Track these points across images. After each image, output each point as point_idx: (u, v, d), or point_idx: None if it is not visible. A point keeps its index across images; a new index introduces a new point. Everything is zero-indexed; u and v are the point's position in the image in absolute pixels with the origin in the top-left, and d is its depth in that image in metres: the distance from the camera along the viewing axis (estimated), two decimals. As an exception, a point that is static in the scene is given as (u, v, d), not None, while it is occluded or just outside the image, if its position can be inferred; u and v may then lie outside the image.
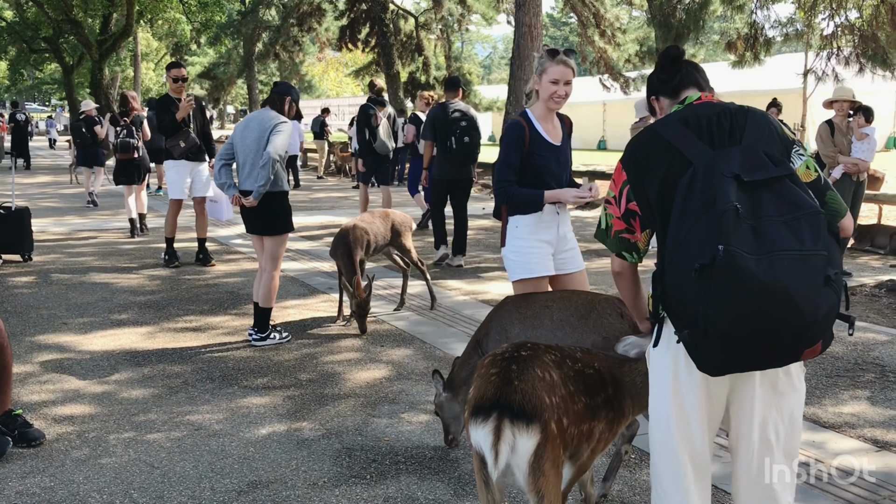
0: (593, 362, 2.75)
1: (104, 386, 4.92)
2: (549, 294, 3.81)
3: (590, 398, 2.62)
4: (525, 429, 2.34)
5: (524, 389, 2.40)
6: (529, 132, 4.01)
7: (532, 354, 2.56)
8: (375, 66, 27.57)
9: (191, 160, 8.52)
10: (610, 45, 21.44)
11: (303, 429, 4.27)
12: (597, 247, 10.23)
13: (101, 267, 8.69)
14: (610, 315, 3.42)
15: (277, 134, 5.57)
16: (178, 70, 8.58)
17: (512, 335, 3.57)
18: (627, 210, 2.34)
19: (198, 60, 52.30)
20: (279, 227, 5.79)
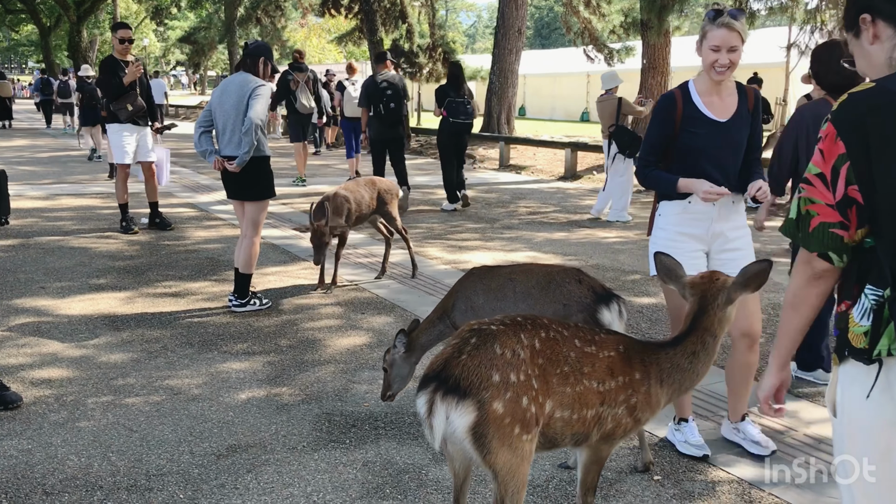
0: (612, 346, 2.63)
1: (82, 350, 4.90)
2: (512, 267, 3.84)
3: (597, 383, 2.52)
4: (457, 405, 2.28)
5: (467, 364, 2.33)
6: (683, 106, 3.46)
7: (503, 330, 2.44)
8: (358, 33, 27.25)
9: (137, 124, 8.36)
10: (595, 16, 21.29)
11: (282, 394, 4.28)
12: (577, 217, 10.27)
13: (79, 231, 8.61)
14: (568, 283, 3.53)
15: (257, 98, 5.49)
16: (124, 31, 8.36)
17: (477, 306, 3.64)
18: (846, 196, 1.76)
19: (178, 24, 51.57)
20: (261, 192, 5.75)
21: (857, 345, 1.78)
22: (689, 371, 2.67)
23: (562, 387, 2.47)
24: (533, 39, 72.79)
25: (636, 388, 2.61)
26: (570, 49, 33.79)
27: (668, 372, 2.67)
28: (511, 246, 8.39)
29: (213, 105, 5.72)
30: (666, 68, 15.62)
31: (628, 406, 2.59)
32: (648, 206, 11.31)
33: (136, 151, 8.46)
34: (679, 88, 3.52)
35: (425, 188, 13.00)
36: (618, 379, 2.57)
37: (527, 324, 2.52)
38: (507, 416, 2.30)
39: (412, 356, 3.79)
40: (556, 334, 2.54)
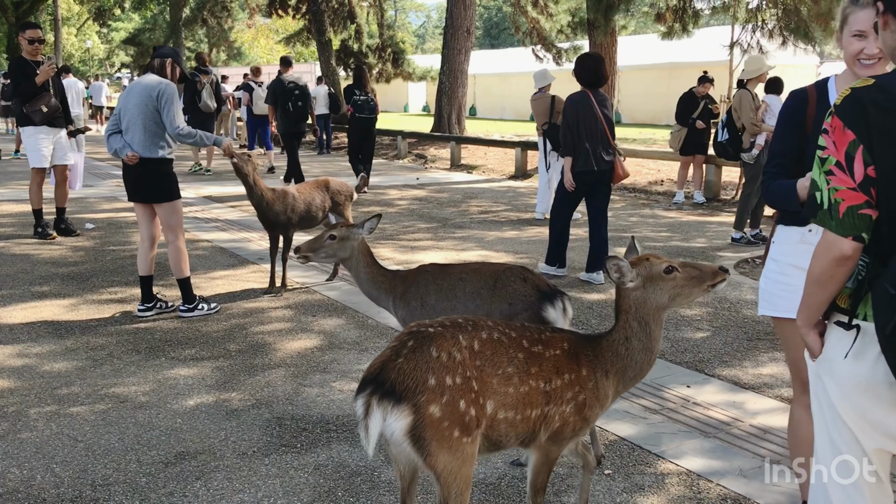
0: (557, 344, 2.63)
1: (24, 359, 4.77)
2: (463, 266, 3.88)
3: (543, 382, 2.52)
4: (392, 408, 2.28)
5: (403, 368, 2.33)
6: (817, 106, 2.81)
7: (440, 332, 2.44)
8: (306, 34, 27.06)
9: (52, 126, 8.12)
10: (542, 16, 21.44)
11: (232, 399, 4.23)
12: (527, 215, 10.33)
13: (20, 238, 8.39)
14: (514, 282, 3.58)
15: (167, 107, 5.40)
16: (34, 31, 8.06)
17: (429, 305, 3.66)
18: (866, 177, 1.87)
19: (122, 26, 50.54)
20: (165, 193, 5.55)
21: (842, 304, 1.99)
22: (626, 358, 2.68)
23: (504, 387, 2.46)
24: (482, 39, 73.00)
25: (583, 384, 2.62)
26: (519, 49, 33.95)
27: (610, 361, 2.68)
28: (463, 245, 8.40)
29: (119, 106, 5.61)
30: (612, 67, 15.79)
31: (576, 403, 2.60)
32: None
33: (53, 154, 8.25)
34: (815, 85, 2.92)
35: (377, 188, 12.96)
36: (564, 377, 2.58)
37: (467, 325, 2.52)
38: (444, 419, 2.31)
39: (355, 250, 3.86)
40: (499, 335, 2.53)
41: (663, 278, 2.64)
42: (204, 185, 13.00)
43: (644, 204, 11.70)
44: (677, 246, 8.43)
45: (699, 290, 2.71)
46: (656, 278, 2.64)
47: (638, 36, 31.85)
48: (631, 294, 2.66)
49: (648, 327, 2.68)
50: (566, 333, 2.76)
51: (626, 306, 2.68)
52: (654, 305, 2.67)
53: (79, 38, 54.15)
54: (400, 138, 18.98)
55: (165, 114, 5.41)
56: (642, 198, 12.33)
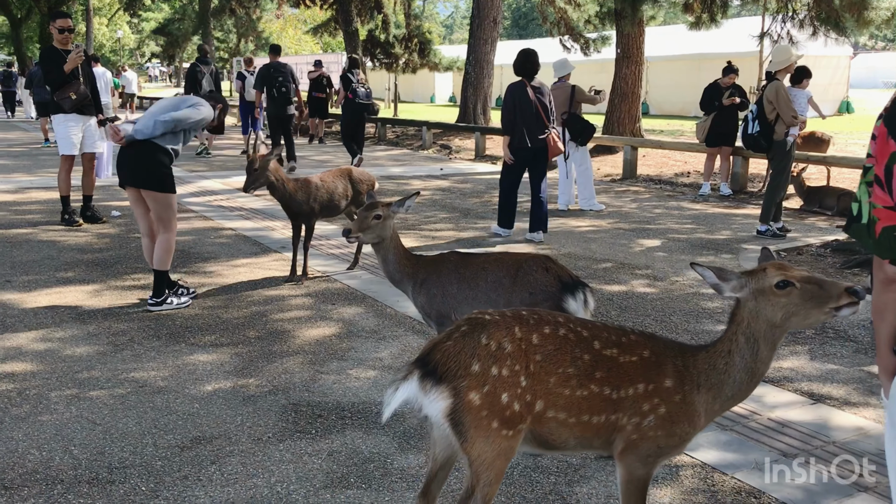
0: (637, 350, 2.43)
1: (47, 343, 4.84)
2: (485, 256, 3.87)
3: (610, 389, 2.36)
4: (432, 388, 2.28)
5: (449, 350, 2.32)
6: None
7: (496, 321, 2.37)
8: (334, 24, 27.14)
9: (81, 114, 8.23)
10: (570, 6, 21.28)
11: (249, 385, 4.26)
12: (551, 206, 10.29)
13: (47, 225, 8.50)
14: (535, 271, 3.57)
15: (191, 106, 5.43)
16: (64, 20, 8.15)
17: (450, 294, 3.65)
18: None
19: (152, 16, 51.00)
20: (152, 181, 5.44)
21: None
22: (724, 373, 2.41)
23: (560, 388, 2.34)
24: (511, 30, 72.70)
25: (666, 396, 2.39)
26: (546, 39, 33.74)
27: (705, 374, 2.42)
28: (484, 235, 8.38)
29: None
30: (640, 58, 15.66)
31: (657, 417, 2.38)
32: (622, 195, 11.43)
33: (83, 142, 8.35)
34: None
35: (400, 178, 12.97)
36: (638, 386, 2.38)
37: (530, 318, 2.41)
38: (483, 408, 2.27)
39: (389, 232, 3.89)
40: (567, 333, 2.40)
41: (774, 293, 2.32)
42: (230, 175, 13.08)
43: (669, 196, 11.60)
44: (701, 238, 8.35)
45: (818, 313, 2.30)
46: (767, 292, 2.33)
47: (667, 27, 31.54)
48: (745, 305, 2.39)
49: (756, 345, 2.39)
50: (654, 340, 2.51)
51: (738, 318, 2.42)
52: (767, 323, 2.36)
53: (110, 28, 54.75)
54: (425, 129, 18.96)
55: (188, 107, 5.43)
56: (668, 190, 12.22)
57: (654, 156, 15.09)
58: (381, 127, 21.36)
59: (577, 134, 9.82)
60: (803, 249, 7.75)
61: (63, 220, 8.48)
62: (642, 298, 6.04)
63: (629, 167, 13.40)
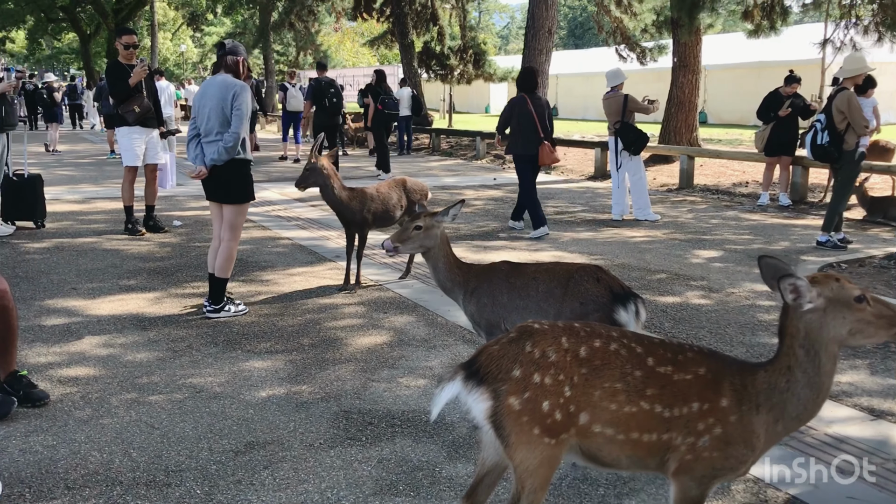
0: (693, 368, 2.35)
1: (109, 349, 5.00)
2: (536, 265, 3.87)
3: (662, 407, 2.31)
4: (473, 389, 2.33)
5: (493, 354, 2.36)
6: None
7: (545, 330, 2.38)
8: (390, 36, 27.42)
9: (145, 126, 8.47)
10: (626, 15, 21.15)
11: (302, 392, 4.33)
12: (604, 216, 10.22)
13: (112, 234, 8.77)
14: (586, 281, 3.55)
15: (238, 109, 5.44)
16: (129, 37, 8.44)
17: (500, 303, 3.66)
18: None
19: (214, 30, 52.20)
20: (238, 195, 5.63)
21: None
22: (787, 392, 2.31)
23: (606, 402, 2.31)
24: (566, 39, 72.44)
25: (722, 416, 2.31)
26: (602, 49, 33.54)
27: (765, 394, 2.33)
28: (536, 246, 8.38)
29: (195, 110, 5.69)
30: (697, 66, 15.48)
31: (712, 437, 2.31)
32: (678, 205, 11.29)
33: (146, 154, 8.60)
34: None
35: (453, 188, 13.03)
36: (692, 405, 2.32)
37: (581, 331, 2.40)
38: (524, 414, 2.28)
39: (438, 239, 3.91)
40: (618, 347, 2.37)
41: (851, 307, 2.27)
42: (287, 185, 13.31)
43: (727, 206, 11.42)
44: (759, 249, 8.20)
45: (886, 334, 2.28)
46: (843, 305, 2.27)
47: (725, 35, 31.08)
48: (804, 316, 2.30)
49: (818, 358, 2.30)
50: (713, 358, 2.42)
51: (794, 330, 2.32)
52: (830, 335, 2.29)
53: (174, 42, 56.23)
54: (479, 139, 19.02)
55: (233, 115, 5.46)
56: (725, 200, 12.03)
57: (712, 165, 14.87)
58: (435, 137, 21.48)
59: (630, 143, 9.76)
60: (865, 261, 7.55)
61: (126, 229, 8.74)
62: (697, 310, 5.97)
63: (686, 177, 13.23)
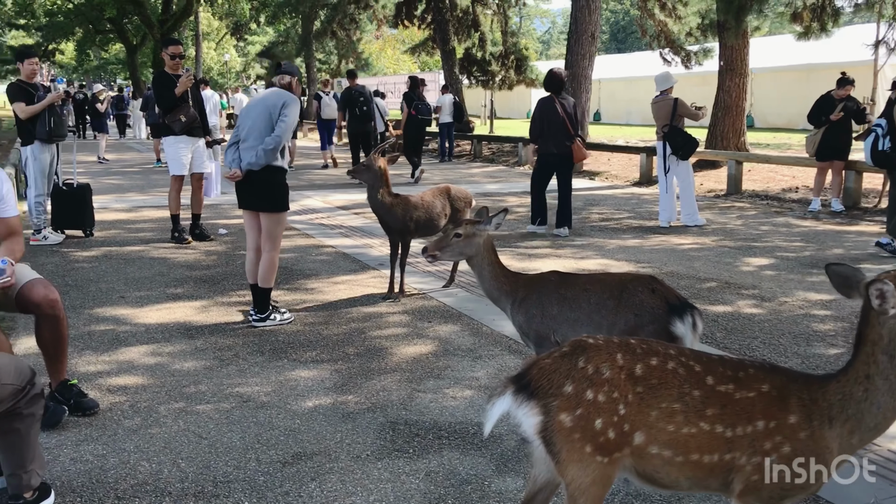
0: (756, 385, 2.26)
1: (157, 358, 5.03)
2: (587, 276, 3.78)
3: (724, 427, 2.22)
4: (523, 402, 2.27)
5: (544, 368, 2.30)
6: None
7: (599, 346, 2.32)
8: (431, 43, 27.43)
9: (191, 136, 8.57)
10: (671, 18, 20.89)
11: (348, 402, 4.30)
12: (651, 223, 10.07)
13: (158, 242, 8.87)
14: (641, 292, 3.44)
15: (285, 118, 5.47)
16: (175, 47, 8.58)
17: (550, 315, 3.58)
18: None
19: (257, 39, 52.86)
20: (274, 203, 5.61)
21: None
22: (864, 401, 2.20)
23: (663, 423, 2.24)
24: (609, 43, 71.97)
25: (790, 433, 2.22)
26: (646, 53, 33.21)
27: (839, 406, 2.23)
28: (582, 253, 8.27)
29: (242, 115, 5.76)
30: (744, 70, 15.19)
31: (780, 456, 2.21)
32: (727, 211, 11.08)
33: (192, 163, 8.70)
34: None
35: (496, 195, 12.96)
36: (757, 423, 2.22)
37: (637, 348, 2.32)
38: (575, 431, 2.22)
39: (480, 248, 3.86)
40: (676, 366, 2.28)
41: None
42: (330, 193, 13.38)
43: (777, 212, 11.18)
44: (811, 256, 7.99)
45: None
46: None
47: (772, 37, 30.58)
48: (888, 322, 2.19)
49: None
50: (776, 373, 2.33)
51: (876, 336, 2.21)
52: None
53: (217, 51, 57.04)
54: (521, 145, 18.93)
55: (279, 121, 5.47)
56: (775, 206, 11.78)
57: (760, 170, 14.58)
58: (476, 144, 21.44)
59: (679, 147, 9.60)
60: (924, 269, 7.32)
61: (173, 237, 8.84)
62: (749, 320, 5.82)
63: (734, 182, 13.00)
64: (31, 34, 44.80)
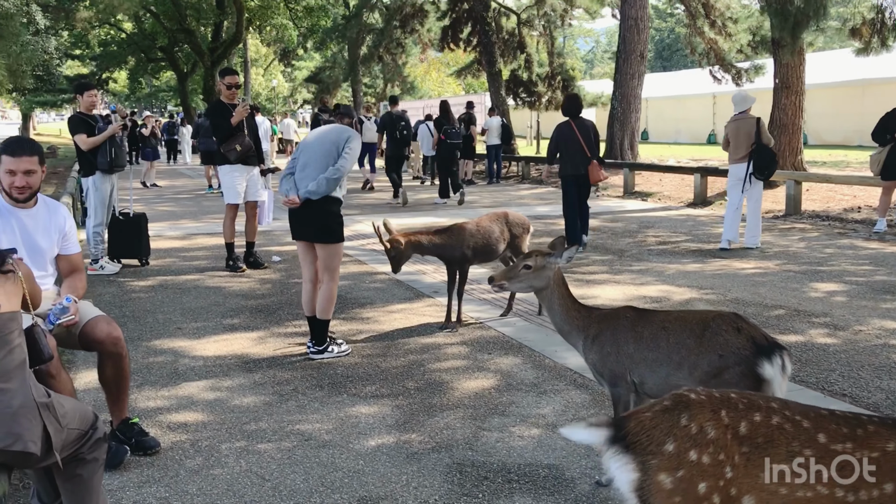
0: (880, 443, 2.06)
1: (216, 393, 4.97)
2: (666, 314, 3.56)
3: (844, 492, 2.03)
4: (618, 456, 2.12)
5: (644, 422, 2.14)
6: None
7: (701, 401, 2.15)
8: (477, 65, 27.46)
9: (246, 164, 8.60)
10: (721, 36, 20.62)
11: (412, 441, 4.18)
12: (710, 246, 9.81)
13: (213, 270, 8.88)
14: (725, 331, 3.21)
15: (350, 151, 5.51)
16: (232, 77, 8.68)
17: (625, 353, 3.40)
18: None
19: (304, 65, 53.62)
20: (329, 234, 5.58)
21: None
22: None
23: (777, 486, 2.06)
24: (654, 62, 71.41)
25: None
26: (693, 70, 32.83)
27: None
28: (641, 279, 8.06)
29: (302, 147, 5.76)
30: (801, 87, 14.83)
31: None
32: (787, 233, 10.76)
33: (246, 191, 8.72)
34: None
35: (547, 219, 12.78)
36: (885, 487, 2.03)
37: (739, 402, 2.15)
38: (676, 494, 2.05)
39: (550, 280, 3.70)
40: (781, 421, 2.11)
41: None
42: (380, 218, 13.32)
43: (840, 233, 10.82)
44: (883, 281, 7.68)
45: None
46: None
47: (823, 52, 29.97)
48: None
49: None
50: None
51: None
52: None
53: (265, 77, 57.98)
54: (570, 166, 18.72)
55: (344, 154, 5.48)
56: (837, 226, 11.42)
57: (818, 190, 14.19)
58: (524, 165, 21.30)
59: (765, 167, 9.31)
60: None
61: (228, 266, 8.85)
62: (823, 350, 5.57)
63: (792, 202, 12.66)
64: (85, 64, 46.05)
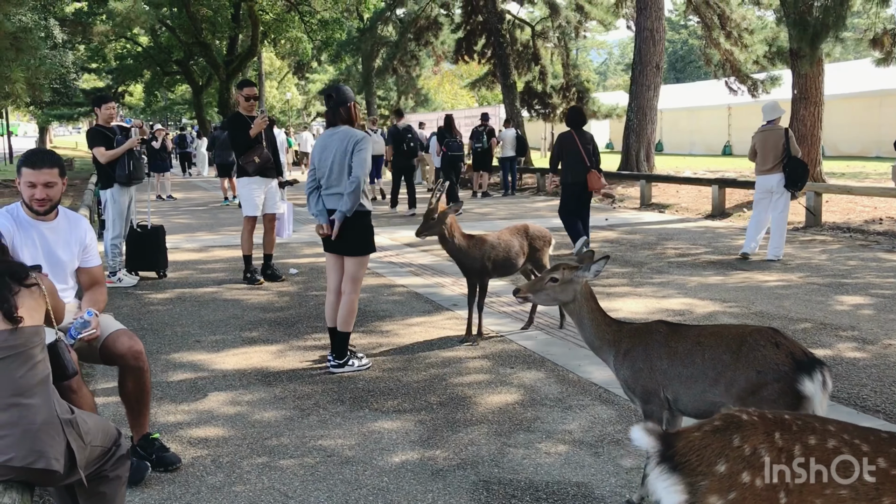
0: None
1: (237, 407, 4.91)
2: (700, 328, 3.45)
3: None
4: (665, 475, 2.03)
5: (693, 441, 2.05)
6: None
7: (754, 422, 2.06)
8: (491, 77, 27.45)
9: (264, 176, 8.58)
10: (736, 47, 20.53)
11: (437, 458, 4.10)
12: (731, 258, 9.70)
13: (231, 283, 8.85)
14: (763, 347, 3.09)
15: (360, 154, 5.36)
16: (250, 89, 8.63)
17: (658, 369, 3.30)
18: None
19: (319, 78, 53.82)
20: (361, 247, 5.54)
21: None
22: None
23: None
24: (667, 73, 71.27)
25: None
26: (708, 81, 32.71)
27: None
28: (663, 291, 7.96)
29: (314, 162, 5.62)
30: (819, 98, 14.71)
31: None
32: (809, 245, 10.63)
33: (264, 203, 8.69)
34: None
35: (564, 230, 12.67)
36: None
37: (792, 424, 2.06)
38: None
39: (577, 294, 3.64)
40: (837, 444, 2.00)
41: None
42: (397, 230, 13.29)
43: (862, 245, 10.68)
44: (910, 294, 7.55)
45: None
46: None
47: (840, 63, 29.82)
48: None
49: None
50: None
51: None
52: None
53: (279, 90, 58.21)
54: (586, 178, 18.63)
55: (354, 160, 5.37)
56: (859, 238, 11.28)
57: (838, 201, 14.05)
58: (540, 177, 21.24)
59: (798, 179, 9.21)
60: None
61: (245, 278, 8.81)
62: (853, 365, 5.46)
63: (813, 214, 12.52)
64: (102, 77, 46.35)
